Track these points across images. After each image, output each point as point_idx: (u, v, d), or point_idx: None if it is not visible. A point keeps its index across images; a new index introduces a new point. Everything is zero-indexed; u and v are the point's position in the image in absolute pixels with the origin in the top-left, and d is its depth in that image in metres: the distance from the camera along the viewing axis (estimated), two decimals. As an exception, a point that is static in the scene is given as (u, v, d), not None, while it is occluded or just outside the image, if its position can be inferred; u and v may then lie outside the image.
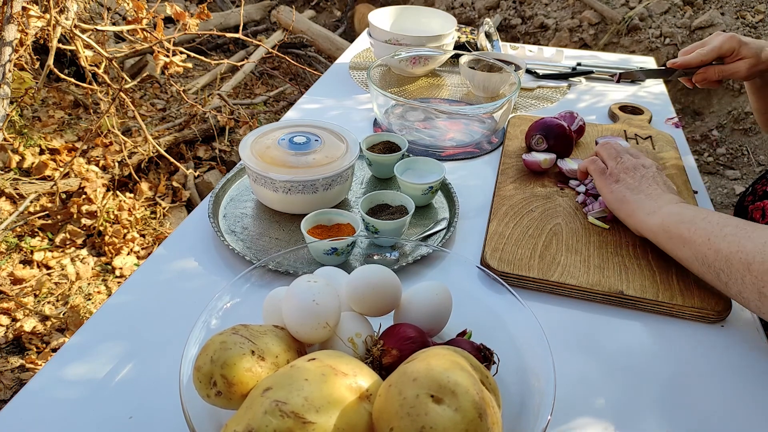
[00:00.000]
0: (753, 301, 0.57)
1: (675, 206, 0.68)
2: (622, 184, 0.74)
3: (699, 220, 0.63)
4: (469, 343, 0.52)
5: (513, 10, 3.45)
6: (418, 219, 0.81)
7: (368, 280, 0.54)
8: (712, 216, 0.63)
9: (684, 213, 0.65)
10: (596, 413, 0.55)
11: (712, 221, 0.62)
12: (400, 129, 1.02)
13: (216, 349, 0.45)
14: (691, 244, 0.62)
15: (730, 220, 0.61)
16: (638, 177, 0.74)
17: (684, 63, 0.88)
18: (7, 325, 1.63)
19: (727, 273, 0.58)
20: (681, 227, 0.64)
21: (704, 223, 0.62)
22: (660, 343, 0.62)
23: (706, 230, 0.61)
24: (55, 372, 0.57)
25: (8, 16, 1.27)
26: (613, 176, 0.75)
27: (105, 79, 1.63)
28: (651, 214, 0.68)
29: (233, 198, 0.84)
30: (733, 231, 0.59)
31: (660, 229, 0.67)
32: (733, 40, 0.85)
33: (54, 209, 1.97)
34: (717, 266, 0.60)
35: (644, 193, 0.71)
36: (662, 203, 0.69)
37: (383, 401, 0.41)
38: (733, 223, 0.60)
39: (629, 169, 0.75)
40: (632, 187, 0.73)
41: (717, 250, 0.59)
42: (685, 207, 0.67)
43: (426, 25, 1.35)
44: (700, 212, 0.64)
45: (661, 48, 3.08)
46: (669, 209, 0.67)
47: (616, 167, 0.76)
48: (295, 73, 3.30)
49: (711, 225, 0.61)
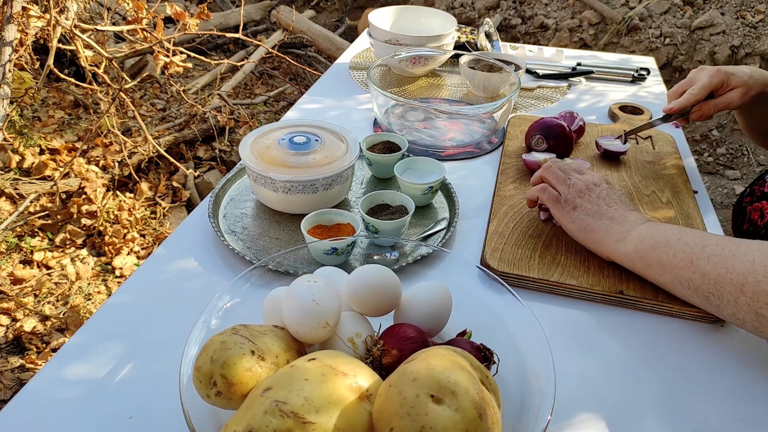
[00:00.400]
0: (749, 322, 0.55)
1: (644, 228, 0.65)
2: (581, 211, 0.69)
3: (675, 241, 0.61)
4: (469, 343, 0.52)
5: (513, 10, 3.45)
6: (418, 219, 0.81)
7: (368, 280, 0.54)
8: (687, 235, 0.61)
9: (657, 236, 0.63)
10: (596, 413, 0.55)
11: (690, 242, 0.60)
12: (400, 129, 1.02)
13: (216, 349, 0.45)
14: (672, 269, 0.60)
15: (707, 238, 0.59)
16: (594, 199, 0.70)
17: (680, 107, 0.87)
18: (7, 325, 1.63)
19: (718, 296, 0.57)
20: (659, 252, 0.61)
21: (682, 245, 0.60)
22: (660, 343, 0.62)
23: (687, 253, 0.59)
24: (55, 372, 0.57)
25: (8, 16, 1.27)
26: (568, 203, 0.71)
27: (105, 79, 1.63)
28: (621, 241, 0.66)
29: (233, 198, 0.84)
30: (716, 251, 0.57)
31: (636, 256, 0.64)
32: (720, 74, 0.84)
33: (54, 209, 1.97)
34: (705, 290, 0.58)
35: (606, 217, 0.68)
36: (629, 226, 0.66)
37: (383, 401, 0.41)
38: (713, 242, 0.58)
39: (582, 192, 0.71)
40: (592, 213, 0.69)
41: (703, 273, 0.57)
42: (654, 227, 0.64)
43: (426, 25, 1.35)
44: (673, 232, 0.62)
45: (661, 48, 3.08)
46: (639, 232, 0.65)
47: (569, 192, 0.71)
48: (295, 73, 3.30)
49: (690, 246, 0.59)
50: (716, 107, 0.85)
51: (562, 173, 0.74)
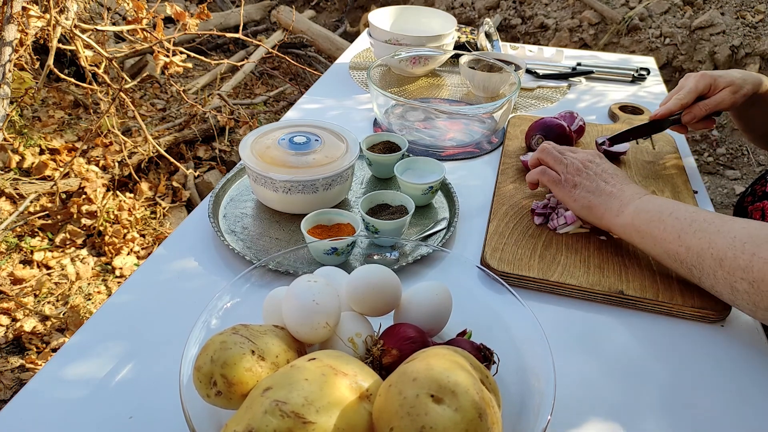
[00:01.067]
0: (726, 294, 0.58)
1: (641, 202, 0.67)
2: (581, 189, 0.72)
3: (667, 216, 0.63)
4: (469, 343, 0.52)
5: (513, 10, 3.45)
6: (418, 219, 0.81)
7: (368, 280, 0.54)
8: (680, 211, 0.63)
9: (652, 210, 0.65)
10: (596, 413, 0.55)
11: (680, 217, 0.62)
12: (400, 129, 1.02)
13: (216, 349, 0.45)
14: (662, 243, 0.63)
15: (698, 214, 0.62)
16: (592, 175, 0.73)
17: (666, 112, 0.87)
18: (7, 325, 1.63)
19: (699, 269, 0.59)
20: (651, 226, 0.64)
21: (672, 220, 0.62)
22: (660, 343, 0.62)
23: (675, 227, 0.62)
24: (55, 372, 0.57)
25: (8, 16, 1.27)
26: (568, 182, 0.73)
27: (105, 79, 1.63)
28: (620, 215, 0.68)
29: (233, 198, 0.84)
30: (703, 226, 0.60)
31: (632, 228, 0.67)
32: (706, 77, 0.85)
33: (54, 209, 1.97)
34: (689, 262, 0.60)
35: (605, 193, 0.70)
36: (626, 200, 0.68)
37: (383, 401, 0.41)
38: (701, 218, 0.61)
39: (580, 170, 0.73)
40: (591, 189, 0.71)
41: (688, 247, 0.60)
42: (650, 201, 0.67)
43: (426, 25, 1.35)
44: (667, 207, 0.65)
45: (661, 48, 3.08)
46: (636, 206, 0.67)
47: (567, 171, 0.74)
48: (295, 73, 3.30)
49: (680, 222, 0.62)
50: (707, 107, 0.85)
51: (558, 153, 0.76)
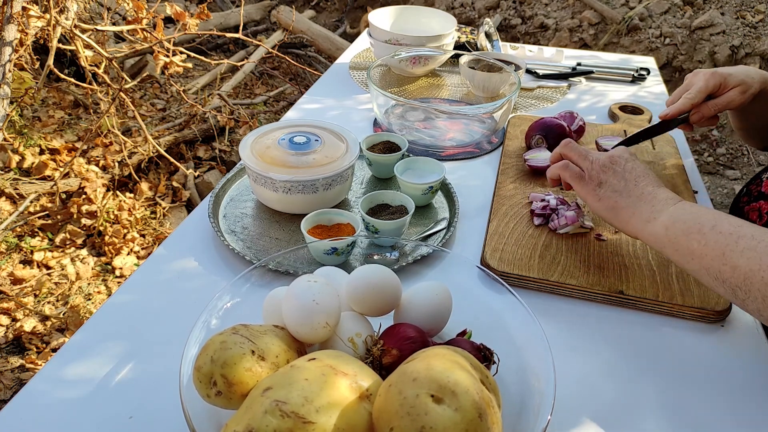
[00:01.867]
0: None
1: (675, 209, 0.61)
2: (607, 187, 0.66)
3: (708, 229, 0.57)
4: (469, 343, 0.52)
5: (513, 10, 3.45)
6: (418, 219, 0.81)
7: (368, 280, 0.54)
8: (722, 224, 0.57)
9: (689, 220, 0.59)
10: (596, 413, 0.55)
11: (724, 231, 0.56)
12: (400, 129, 1.02)
13: (216, 349, 0.45)
14: (701, 258, 0.57)
15: (743, 229, 0.56)
16: (620, 173, 0.66)
17: (676, 111, 0.83)
18: (7, 325, 1.63)
19: (745, 291, 0.54)
20: (690, 239, 0.58)
21: (715, 235, 0.56)
22: (660, 343, 0.62)
23: (720, 243, 0.55)
24: (55, 372, 0.57)
25: (8, 16, 1.27)
26: (593, 179, 0.67)
27: (105, 79, 1.63)
28: (650, 222, 0.62)
29: (233, 198, 0.84)
30: (751, 244, 0.54)
31: (665, 239, 0.60)
32: (717, 75, 0.81)
33: (54, 209, 1.97)
34: (733, 283, 0.54)
35: (634, 195, 0.64)
36: (660, 206, 0.62)
37: (383, 401, 0.41)
38: (749, 234, 0.55)
39: (607, 167, 0.67)
40: (619, 189, 0.65)
41: (734, 267, 0.54)
42: (687, 210, 0.60)
43: (426, 25, 1.35)
44: (707, 218, 0.58)
45: (661, 48, 3.08)
46: (670, 214, 0.61)
47: (593, 167, 0.68)
48: (295, 73, 3.30)
49: (724, 237, 0.56)
50: (716, 107, 0.84)
51: (583, 149, 0.71)
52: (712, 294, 0.66)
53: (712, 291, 0.66)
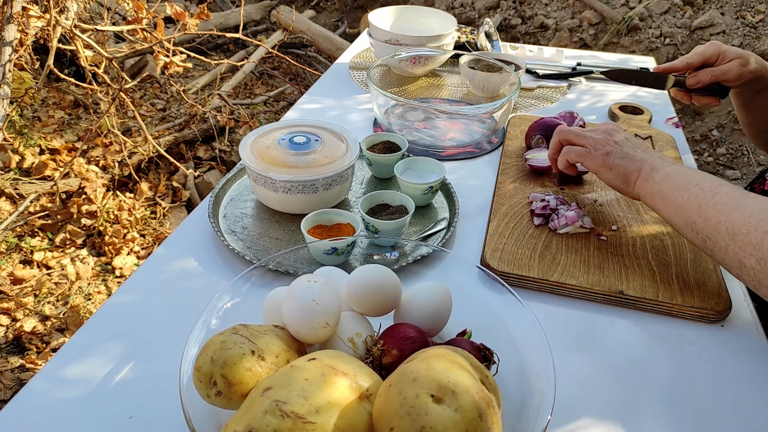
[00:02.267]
0: (734, 269, 0.58)
1: (671, 169, 0.67)
2: (615, 156, 0.71)
3: (693, 186, 0.63)
4: (469, 343, 0.52)
5: (513, 10, 3.45)
6: (418, 219, 0.81)
7: (368, 280, 0.54)
8: (706, 182, 0.63)
9: (679, 178, 0.65)
10: (596, 413, 0.55)
11: (705, 188, 0.62)
12: (400, 129, 1.02)
13: (216, 349, 0.45)
14: (683, 211, 0.63)
15: (722, 187, 0.61)
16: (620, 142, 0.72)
17: (669, 67, 0.89)
18: (7, 325, 1.63)
19: (713, 241, 0.59)
20: (676, 193, 0.64)
21: (697, 190, 0.62)
22: (660, 343, 0.62)
23: (698, 197, 0.61)
24: (55, 372, 0.57)
25: (8, 16, 1.27)
26: (599, 150, 0.72)
27: (105, 79, 1.63)
28: (649, 179, 0.68)
29: (233, 198, 0.84)
30: (724, 199, 0.59)
31: (658, 194, 0.66)
32: (714, 45, 0.86)
33: (54, 209, 1.97)
34: (705, 233, 0.60)
35: (637, 159, 0.70)
36: (657, 165, 0.68)
37: (383, 401, 0.41)
38: (725, 191, 0.60)
39: (606, 139, 0.73)
40: (623, 155, 0.71)
41: (706, 218, 0.60)
42: (680, 170, 0.66)
43: (426, 25, 1.35)
44: (694, 177, 0.64)
45: (661, 48, 3.08)
46: (666, 172, 0.67)
47: (596, 141, 0.73)
48: (295, 73, 3.30)
49: (703, 192, 0.61)
50: (713, 73, 0.86)
51: (577, 129, 0.77)
52: (712, 294, 0.66)
53: (712, 291, 0.66)
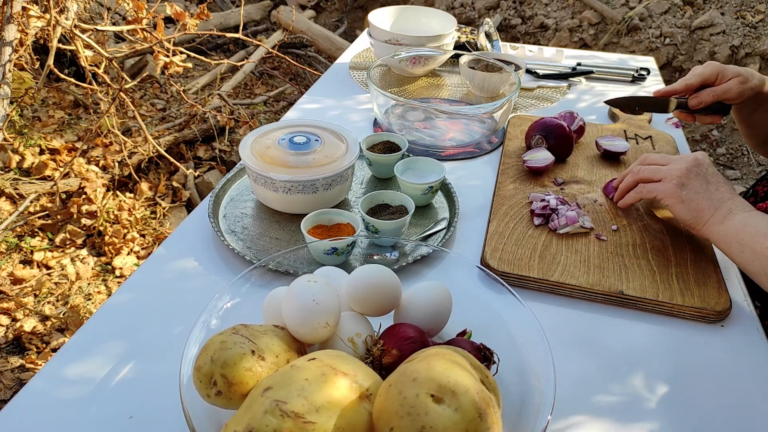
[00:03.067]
0: None
1: (748, 215, 0.66)
2: (690, 190, 0.69)
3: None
4: (469, 343, 0.52)
5: (513, 10, 3.45)
6: (418, 219, 0.81)
7: (368, 280, 0.54)
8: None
9: (760, 225, 0.64)
10: (596, 413, 0.55)
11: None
12: (400, 129, 1.02)
13: (216, 349, 0.45)
14: (762, 260, 0.62)
15: None
16: (703, 177, 0.70)
17: (670, 90, 0.87)
18: (7, 325, 1.63)
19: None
20: (755, 241, 0.63)
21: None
22: (660, 343, 0.62)
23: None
24: (55, 372, 0.57)
25: (8, 16, 1.27)
26: (673, 180, 0.70)
27: (105, 79, 1.63)
28: (724, 223, 0.66)
29: (233, 198, 0.84)
30: None
31: (734, 239, 0.65)
32: (713, 65, 0.85)
33: (54, 209, 1.97)
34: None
35: (716, 199, 0.68)
36: (736, 209, 0.67)
37: (383, 401, 0.41)
38: None
39: (690, 170, 0.70)
40: (702, 192, 0.69)
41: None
42: (759, 217, 0.65)
43: (426, 25, 1.35)
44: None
45: (661, 48, 3.08)
46: (743, 218, 0.65)
47: (674, 170, 0.71)
48: (295, 73, 3.30)
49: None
50: (714, 93, 0.86)
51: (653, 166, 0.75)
52: (712, 294, 0.66)
53: (711, 291, 0.66)
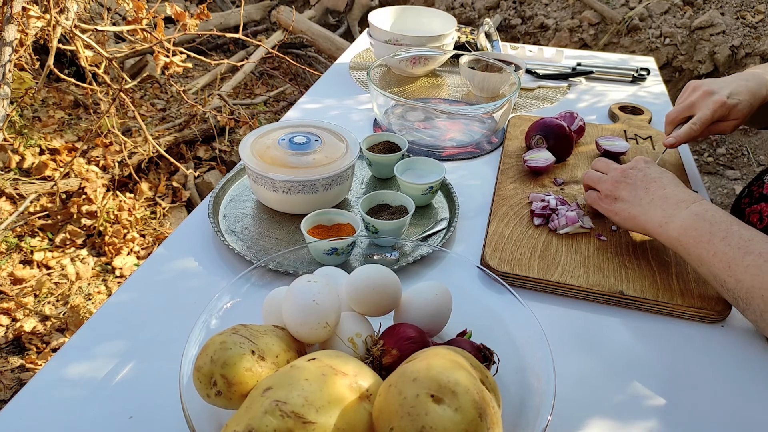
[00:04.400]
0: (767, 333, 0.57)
1: (689, 215, 0.63)
2: (621, 201, 0.70)
3: (719, 241, 0.59)
4: (469, 343, 0.52)
5: (513, 10, 3.45)
6: (418, 219, 0.81)
7: (368, 280, 0.54)
8: (732, 236, 0.59)
9: (701, 228, 0.61)
10: (596, 413, 0.55)
11: (733, 244, 0.58)
12: (400, 129, 1.02)
13: (216, 349, 0.45)
14: (709, 266, 0.60)
15: (753, 244, 0.58)
16: (631, 185, 0.71)
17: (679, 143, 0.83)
18: (7, 325, 1.63)
19: (746, 302, 0.57)
20: (699, 248, 0.61)
21: (724, 247, 0.59)
22: (660, 343, 0.62)
23: (727, 256, 0.58)
24: (55, 372, 0.57)
25: (8, 16, 1.27)
26: (609, 198, 0.72)
27: (105, 79, 1.63)
28: (663, 226, 0.65)
29: (233, 198, 0.84)
30: (757, 262, 0.56)
31: (678, 244, 0.64)
32: (724, 108, 0.80)
33: (54, 209, 1.97)
34: (736, 294, 0.58)
35: (645, 203, 0.68)
36: (670, 209, 0.65)
37: (383, 401, 0.41)
38: (756, 251, 0.57)
39: (619, 182, 0.72)
40: (629, 200, 0.69)
41: (738, 281, 0.57)
42: (701, 217, 0.63)
43: (426, 25, 1.35)
44: (719, 229, 0.60)
45: (661, 48, 3.08)
46: (683, 222, 0.63)
47: (606, 187, 0.73)
48: (295, 73, 3.30)
49: (732, 250, 0.58)
50: (708, 133, 0.84)
51: (597, 173, 0.77)
52: (712, 294, 0.66)
53: (712, 291, 0.66)
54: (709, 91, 0.82)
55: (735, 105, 0.80)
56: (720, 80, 0.85)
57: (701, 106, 0.82)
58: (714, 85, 0.83)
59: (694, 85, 0.86)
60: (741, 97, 0.81)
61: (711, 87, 0.83)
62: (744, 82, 0.83)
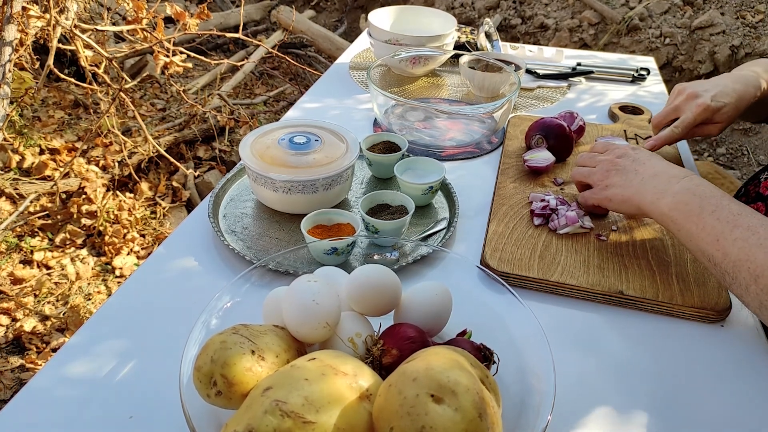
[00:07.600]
0: (753, 308, 0.56)
1: (680, 190, 0.63)
2: (613, 187, 0.71)
3: (708, 215, 0.59)
4: (469, 343, 0.52)
5: (513, 10, 3.45)
6: (418, 219, 0.81)
7: (368, 280, 0.54)
8: (723, 211, 0.59)
9: (692, 204, 0.61)
10: (596, 413, 0.55)
11: (722, 218, 0.58)
12: (400, 129, 1.02)
13: (216, 349, 0.45)
14: (697, 240, 0.60)
15: (742, 218, 0.58)
16: (621, 170, 0.71)
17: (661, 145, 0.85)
18: (7, 325, 1.63)
19: (732, 276, 0.57)
20: (689, 222, 0.61)
21: (713, 221, 0.59)
22: (660, 343, 0.62)
23: (716, 229, 0.58)
24: (55, 372, 0.57)
25: (8, 16, 1.27)
26: (601, 187, 0.73)
27: (105, 79, 1.63)
28: (655, 202, 0.65)
29: (233, 198, 0.84)
30: (745, 235, 0.56)
31: (668, 219, 0.63)
32: (707, 111, 0.81)
33: (54, 209, 1.97)
34: (723, 268, 0.58)
35: (635, 183, 0.68)
36: (661, 185, 0.65)
37: (383, 401, 0.41)
38: (745, 224, 0.57)
39: (609, 171, 0.72)
40: (622, 184, 0.70)
41: (725, 254, 0.57)
42: (691, 191, 0.63)
43: (426, 25, 1.35)
44: (709, 203, 0.60)
45: (661, 48, 3.08)
46: (674, 196, 0.63)
47: (597, 178, 0.74)
48: (295, 73, 3.29)
49: (721, 223, 0.58)
50: (693, 135, 0.85)
51: (584, 168, 0.77)
52: (712, 294, 0.66)
53: (712, 291, 0.66)
54: (693, 94, 0.84)
55: (719, 108, 0.81)
56: (707, 82, 0.86)
57: (685, 109, 0.84)
58: (699, 87, 0.84)
59: (680, 87, 0.87)
60: (726, 99, 0.82)
61: (696, 90, 0.84)
62: (731, 84, 0.84)
